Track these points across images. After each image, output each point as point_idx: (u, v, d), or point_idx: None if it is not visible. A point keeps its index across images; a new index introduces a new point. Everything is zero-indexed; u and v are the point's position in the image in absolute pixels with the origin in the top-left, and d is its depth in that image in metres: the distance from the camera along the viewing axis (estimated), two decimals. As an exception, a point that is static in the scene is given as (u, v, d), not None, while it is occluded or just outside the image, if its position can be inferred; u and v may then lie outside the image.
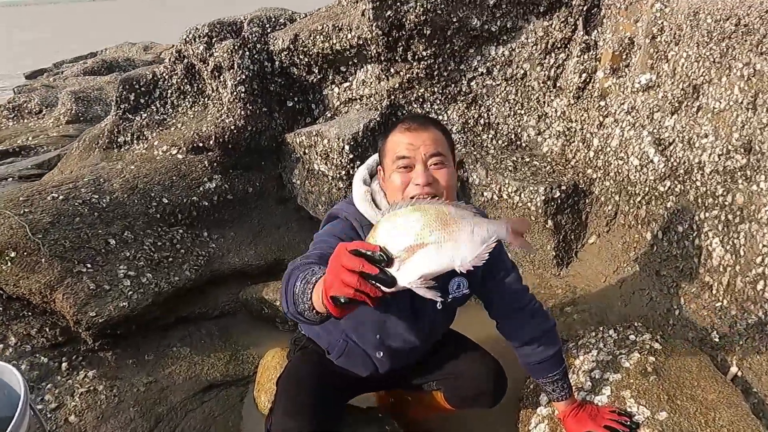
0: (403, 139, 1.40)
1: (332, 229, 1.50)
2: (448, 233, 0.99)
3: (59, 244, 2.37)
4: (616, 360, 1.91)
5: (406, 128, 1.42)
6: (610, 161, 2.74)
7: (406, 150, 1.39)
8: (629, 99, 2.67)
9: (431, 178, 1.38)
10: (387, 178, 1.46)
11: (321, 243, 1.45)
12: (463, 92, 3.28)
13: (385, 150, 1.47)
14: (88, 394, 2.00)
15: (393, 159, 1.41)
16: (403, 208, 1.02)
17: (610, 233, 2.74)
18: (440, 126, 1.48)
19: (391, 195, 1.46)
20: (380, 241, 0.97)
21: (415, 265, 0.95)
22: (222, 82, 3.50)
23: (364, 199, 1.50)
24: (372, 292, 0.91)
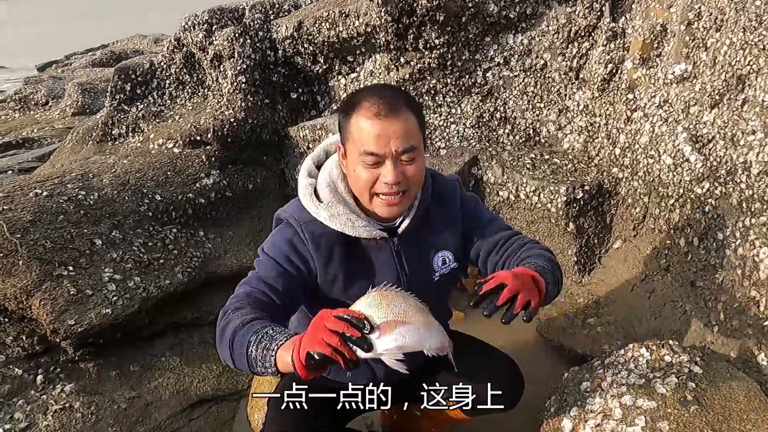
0: (371, 130, 1.24)
1: (273, 241, 1.42)
2: (426, 321, 1.17)
3: (39, 244, 2.19)
4: (650, 384, 1.69)
5: (375, 113, 1.24)
6: (638, 159, 2.51)
7: (374, 145, 1.25)
8: (661, 91, 2.44)
9: (401, 176, 1.28)
10: (350, 167, 1.33)
11: (263, 266, 1.38)
12: (478, 84, 3.05)
13: (348, 133, 1.30)
14: (62, 411, 1.82)
15: (359, 152, 1.27)
16: (388, 290, 1.16)
17: (638, 238, 2.52)
18: (412, 104, 1.31)
19: (356, 189, 1.36)
20: (363, 311, 1.10)
21: (394, 337, 1.09)
22: (222, 72, 3.31)
23: (305, 191, 1.41)
24: (348, 353, 1.00)
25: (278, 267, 1.35)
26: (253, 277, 1.36)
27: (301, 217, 1.39)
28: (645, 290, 2.37)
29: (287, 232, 1.39)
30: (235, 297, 1.31)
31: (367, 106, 1.25)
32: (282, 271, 1.35)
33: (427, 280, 1.50)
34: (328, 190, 1.38)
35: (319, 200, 1.39)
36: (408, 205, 1.39)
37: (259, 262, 1.40)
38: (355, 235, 1.37)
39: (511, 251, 1.50)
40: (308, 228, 1.37)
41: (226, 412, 2.11)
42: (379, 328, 1.07)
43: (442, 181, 1.55)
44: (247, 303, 1.27)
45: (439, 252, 1.51)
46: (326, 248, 1.38)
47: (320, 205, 1.37)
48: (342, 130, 1.34)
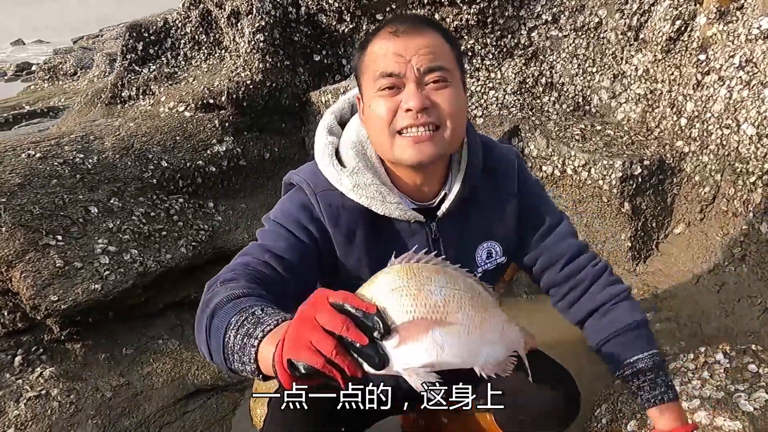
0: (387, 48, 0.99)
1: (282, 206, 1.13)
2: (479, 320, 0.77)
3: (26, 210, 1.97)
4: (731, 399, 1.38)
5: (392, 32, 1.00)
6: (709, 130, 2.15)
7: (393, 63, 0.98)
8: (743, 50, 2.06)
9: (428, 101, 0.99)
10: (367, 107, 1.04)
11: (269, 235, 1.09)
12: (521, 45, 2.71)
13: (362, 67, 1.05)
14: (37, 399, 1.60)
15: (374, 77, 1.00)
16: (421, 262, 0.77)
17: (705, 222, 2.17)
18: (441, 28, 1.06)
19: (373, 132, 1.06)
20: (379, 299, 0.71)
21: (425, 347, 0.70)
22: (239, 30, 3.03)
23: (324, 152, 1.12)
24: (350, 369, 0.66)
25: (288, 234, 1.07)
26: (254, 246, 1.07)
27: (317, 183, 1.10)
28: (714, 283, 2.03)
29: (299, 198, 1.11)
30: (229, 267, 1.00)
31: (383, 29, 1.01)
32: (293, 240, 1.06)
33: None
34: (354, 152, 1.09)
35: (341, 165, 1.10)
36: (443, 149, 1.04)
37: (263, 231, 1.11)
38: (385, 213, 1.08)
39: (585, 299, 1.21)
40: (324, 198, 1.09)
41: (226, 404, 1.87)
42: (401, 329, 0.69)
43: (498, 152, 1.21)
44: (243, 274, 0.95)
45: (485, 242, 1.21)
46: (346, 226, 1.11)
47: (343, 171, 1.08)
48: (357, 73, 1.08)
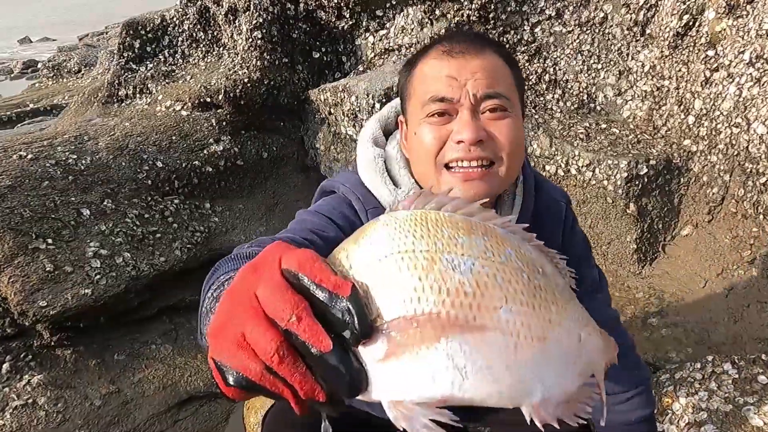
0: (440, 69, 0.85)
1: (327, 204, 0.98)
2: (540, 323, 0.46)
3: (16, 213, 1.93)
4: (739, 411, 1.32)
5: (446, 51, 0.86)
6: (718, 129, 2.08)
7: (445, 86, 0.84)
8: (753, 45, 1.99)
9: (483, 133, 0.84)
10: (411, 133, 0.91)
11: (302, 221, 0.92)
12: (524, 41, 2.64)
13: (409, 88, 0.91)
14: (24, 408, 1.57)
15: (422, 101, 0.86)
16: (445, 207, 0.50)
17: (714, 224, 2.10)
18: (502, 50, 0.91)
19: (416, 162, 0.93)
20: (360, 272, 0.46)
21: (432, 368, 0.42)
22: (237, 27, 2.98)
23: (373, 167, 0.96)
24: (302, 386, 0.42)
25: (327, 219, 0.93)
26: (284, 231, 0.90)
27: (368, 200, 0.97)
28: (722, 287, 1.96)
29: (344, 204, 0.98)
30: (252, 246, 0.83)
31: (436, 47, 0.88)
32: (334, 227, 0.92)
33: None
34: (407, 172, 0.97)
35: (393, 182, 0.97)
36: (496, 188, 0.91)
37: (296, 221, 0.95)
38: None
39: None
40: (374, 214, 0.92)
41: (219, 412, 1.83)
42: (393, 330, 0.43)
43: (549, 193, 1.10)
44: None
45: None
46: None
47: (397, 192, 0.95)
48: (402, 94, 0.95)
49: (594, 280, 1.15)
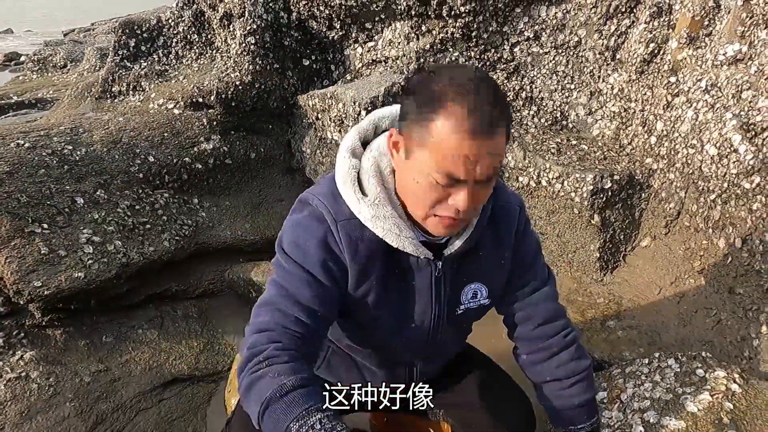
0: (460, 149, 0.91)
1: (298, 239, 1.08)
2: None
3: (13, 197, 2.01)
4: (678, 401, 1.47)
5: (469, 130, 0.90)
6: (677, 149, 2.26)
7: (461, 170, 0.93)
8: (709, 74, 2.18)
9: (473, 201, 0.98)
10: (411, 173, 0.99)
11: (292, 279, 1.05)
12: (504, 59, 2.81)
13: (422, 134, 0.94)
14: (17, 381, 1.65)
15: (435, 167, 0.94)
16: None
17: (670, 236, 2.27)
18: (508, 116, 0.98)
19: (410, 200, 1.04)
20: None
21: None
22: (231, 32, 3.10)
23: (346, 179, 1.07)
24: None
25: (312, 280, 1.06)
26: (280, 294, 1.05)
27: (339, 212, 1.07)
28: (674, 294, 2.13)
29: (318, 229, 1.07)
30: (265, 331, 1.02)
31: (459, 114, 0.90)
32: (318, 285, 1.06)
33: (449, 312, 1.22)
34: (375, 181, 1.06)
35: (362, 192, 1.07)
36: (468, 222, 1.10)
37: (283, 269, 1.08)
38: (398, 246, 1.07)
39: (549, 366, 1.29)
40: (345, 228, 1.07)
41: (201, 394, 1.93)
42: None
43: (504, 199, 1.22)
44: (284, 347, 0.99)
45: (473, 283, 1.22)
46: (363, 257, 1.09)
47: (364, 200, 1.05)
48: (408, 119, 0.97)
49: (542, 277, 1.30)
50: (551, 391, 1.30)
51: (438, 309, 1.19)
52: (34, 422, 1.55)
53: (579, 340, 1.34)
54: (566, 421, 1.30)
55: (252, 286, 2.36)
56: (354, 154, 1.10)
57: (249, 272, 2.38)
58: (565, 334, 1.31)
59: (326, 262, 1.07)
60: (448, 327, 1.25)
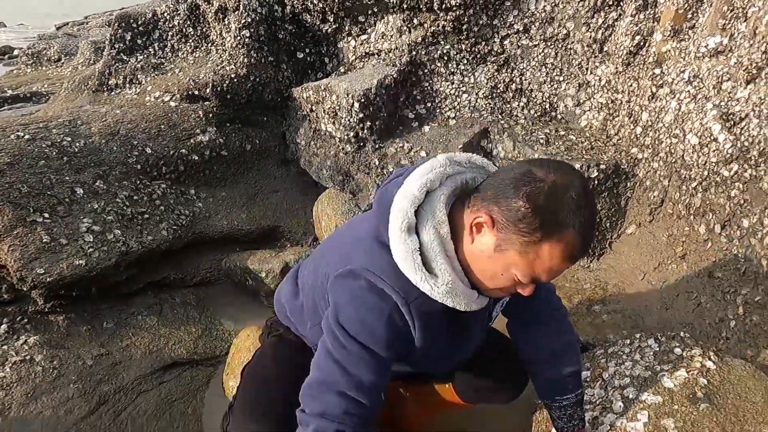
0: (556, 269, 1.01)
1: (364, 320, 1.07)
2: None
3: (15, 188, 2.06)
4: (656, 377, 1.54)
5: (573, 257, 1.00)
6: (661, 139, 2.32)
7: (546, 278, 1.03)
8: (692, 66, 2.24)
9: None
10: (499, 264, 1.03)
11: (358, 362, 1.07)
12: (494, 52, 2.87)
13: (525, 249, 0.98)
14: (22, 363, 1.71)
15: (524, 273, 1.01)
16: None
17: (654, 223, 2.34)
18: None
19: (483, 278, 1.08)
20: None
21: None
22: (226, 25, 3.15)
23: (411, 263, 1.03)
24: None
25: (376, 362, 1.08)
26: (342, 375, 1.07)
27: (409, 293, 1.06)
28: (657, 279, 2.20)
29: (384, 307, 1.07)
30: (330, 418, 1.06)
31: (571, 244, 0.97)
32: (381, 364, 1.09)
33: (486, 328, 1.36)
34: (443, 260, 1.04)
35: (430, 272, 1.05)
36: None
37: (343, 348, 1.07)
38: (467, 309, 1.10)
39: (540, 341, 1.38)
40: (418, 306, 1.08)
41: (200, 377, 1.99)
42: None
43: None
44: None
45: (501, 299, 1.31)
46: (433, 325, 1.13)
47: (436, 281, 1.04)
48: (518, 226, 0.97)
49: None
50: (540, 364, 1.37)
51: (482, 332, 1.32)
52: (39, 402, 1.61)
53: (567, 317, 1.41)
54: (553, 392, 1.37)
55: (248, 274, 2.42)
56: (410, 231, 1.05)
57: (246, 261, 2.44)
58: (555, 308, 1.38)
59: (393, 342, 1.08)
60: (483, 337, 1.38)
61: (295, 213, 2.97)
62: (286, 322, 1.51)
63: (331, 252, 1.24)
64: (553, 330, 1.37)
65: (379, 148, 2.78)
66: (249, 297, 2.45)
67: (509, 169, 1.02)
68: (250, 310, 2.36)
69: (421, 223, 1.05)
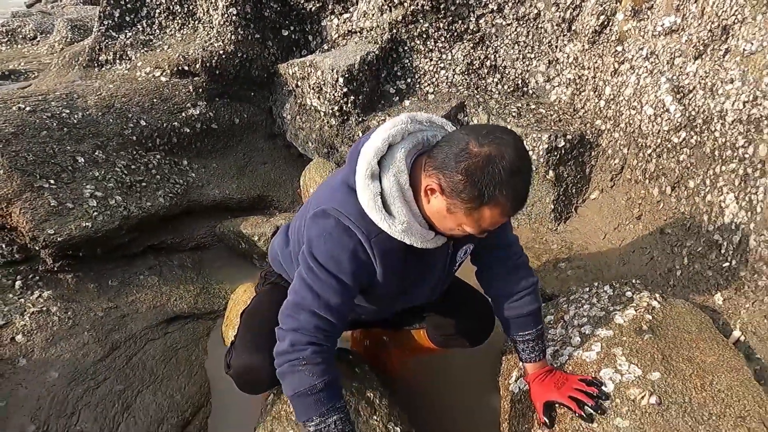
0: (498, 222, 1.21)
1: (332, 251, 1.26)
2: None
3: (21, 156, 2.19)
4: (609, 316, 1.76)
5: (509, 213, 1.20)
6: (621, 111, 2.54)
7: (492, 229, 1.24)
8: (649, 43, 2.45)
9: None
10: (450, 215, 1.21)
11: (325, 287, 1.27)
12: (470, 30, 3.04)
13: (469, 213, 1.18)
14: (39, 314, 1.86)
15: (473, 228, 1.22)
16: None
17: (615, 188, 2.57)
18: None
19: (437, 223, 1.26)
20: None
21: None
22: (213, 3, 3.26)
23: (373, 205, 1.21)
24: None
25: (343, 287, 1.28)
26: (314, 298, 1.27)
27: (369, 229, 1.24)
28: (617, 238, 2.43)
29: (347, 241, 1.25)
30: (303, 332, 1.27)
31: (504, 205, 1.16)
32: (347, 291, 1.29)
33: (449, 270, 1.52)
34: (400, 203, 1.22)
35: (388, 212, 1.22)
36: None
37: (315, 276, 1.27)
38: (423, 247, 1.29)
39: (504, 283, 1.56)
40: (378, 242, 1.26)
41: (201, 328, 2.17)
42: None
43: None
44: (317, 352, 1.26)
45: (465, 245, 1.47)
46: (393, 260, 1.32)
47: (393, 223, 1.22)
48: (460, 197, 1.15)
49: (510, 226, 1.61)
50: (505, 303, 1.57)
51: (444, 271, 1.48)
52: (58, 346, 1.77)
53: (528, 263, 1.61)
54: (516, 328, 1.57)
55: (242, 238, 2.58)
56: (373, 177, 1.22)
57: (239, 226, 2.60)
58: (517, 256, 1.58)
59: (356, 272, 1.27)
60: (446, 280, 1.56)
61: (282, 183, 3.13)
62: (279, 270, 1.69)
63: (312, 201, 1.43)
64: (515, 275, 1.57)
65: (362, 121, 2.95)
66: (241, 259, 2.62)
67: (454, 140, 1.19)
68: (243, 271, 2.53)
69: (383, 171, 1.22)
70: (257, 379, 1.48)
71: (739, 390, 1.43)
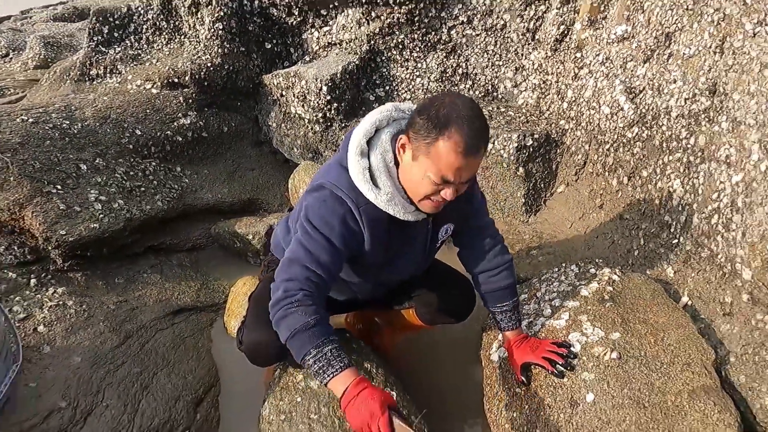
0: (454, 163, 1.31)
1: (324, 215, 1.44)
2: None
3: (28, 164, 2.33)
4: (575, 290, 1.99)
5: (462, 151, 1.30)
6: (582, 111, 2.80)
7: (452, 175, 1.34)
8: (604, 50, 2.72)
9: (455, 195, 1.41)
10: (415, 172, 1.38)
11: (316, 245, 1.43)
12: (443, 41, 3.28)
13: (427, 147, 1.32)
14: (57, 307, 2.01)
15: (434, 172, 1.34)
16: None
17: (578, 182, 2.82)
18: (487, 140, 1.39)
19: (410, 189, 1.44)
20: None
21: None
22: (199, 18, 3.44)
23: (362, 178, 1.42)
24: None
25: (333, 248, 1.43)
26: (306, 255, 1.42)
27: (358, 199, 1.43)
28: (582, 226, 2.67)
29: (339, 208, 1.43)
30: (296, 280, 1.41)
31: (457, 139, 1.28)
32: (335, 251, 1.44)
33: (431, 247, 1.69)
34: (386, 177, 1.42)
35: (375, 185, 1.42)
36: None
37: (309, 236, 1.43)
38: (406, 219, 1.47)
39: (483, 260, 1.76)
40: (366, 211, 1.44)
41: (205, 319, 2.33)
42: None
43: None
44: (308, 296, 1.39)
45: (446, 224, 1.65)
46: (379, 229, 1.49)
47: (379, 194, 1.41)
48: (419, 134, 1.32)
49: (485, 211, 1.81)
50: (484, 278, 1.78)
51: (425, 246, 1.68)
52: (77, 335, 1.91)
53: (504, 242, 1.83)
54: (494, 301, 1.78)
55: (236, 237, 2.75)
56: (362, 154, 1.43)
57: (233, 226, 2.77)
58: (494, 237, 1.80)
59: (346, 236, 1.45)
60: (428, 256, 1.75)
61: (270, 187, 3.31)
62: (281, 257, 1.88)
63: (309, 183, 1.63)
64: (492, 253, 1.78)
65: (345, 127, 3.16)
66: (236, 258, 2.79)
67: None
68: (239, 267, 2.70)
69: (371, 150, 1.44)
70: (266, 352, 1.66)
71: (685, 343, 1.67)
